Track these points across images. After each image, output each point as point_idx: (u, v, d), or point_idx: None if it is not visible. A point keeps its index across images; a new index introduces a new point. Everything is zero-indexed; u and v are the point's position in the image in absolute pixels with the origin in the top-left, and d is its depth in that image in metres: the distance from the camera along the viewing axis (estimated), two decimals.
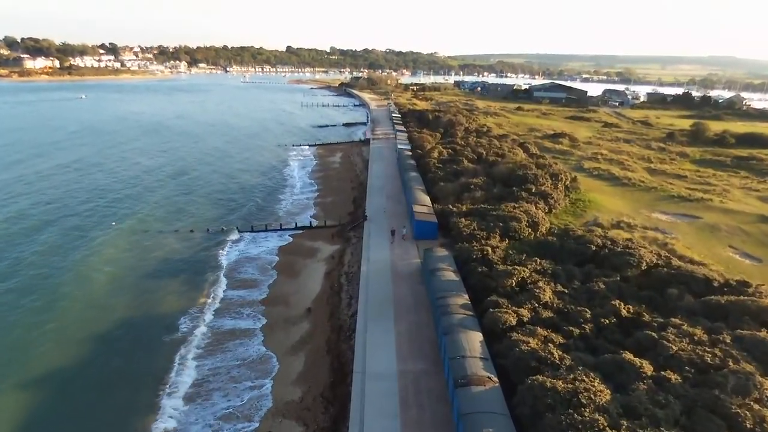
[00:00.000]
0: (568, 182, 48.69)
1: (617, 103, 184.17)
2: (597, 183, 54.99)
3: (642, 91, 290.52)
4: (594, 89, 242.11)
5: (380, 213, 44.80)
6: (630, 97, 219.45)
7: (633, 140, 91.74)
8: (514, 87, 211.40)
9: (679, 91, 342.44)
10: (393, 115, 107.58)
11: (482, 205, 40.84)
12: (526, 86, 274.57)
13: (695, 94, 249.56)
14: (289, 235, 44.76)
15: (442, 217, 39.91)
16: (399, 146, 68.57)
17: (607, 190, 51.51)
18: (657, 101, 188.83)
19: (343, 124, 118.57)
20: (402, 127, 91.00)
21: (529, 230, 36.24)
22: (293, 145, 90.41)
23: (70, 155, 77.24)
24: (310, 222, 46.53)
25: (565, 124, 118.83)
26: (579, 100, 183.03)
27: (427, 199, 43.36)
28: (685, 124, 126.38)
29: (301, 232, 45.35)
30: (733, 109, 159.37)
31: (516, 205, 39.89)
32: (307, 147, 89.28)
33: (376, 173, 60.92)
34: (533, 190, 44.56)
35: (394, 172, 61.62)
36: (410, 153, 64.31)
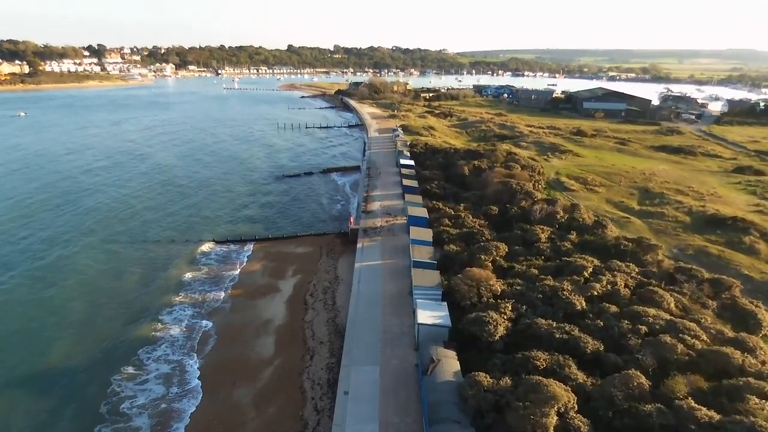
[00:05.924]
0: None
1: (693, 116, 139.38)
2: None
3: (685, 91, 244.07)
4: (625, 88, 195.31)
5: None
6: (698, 104, 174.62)
7: None
8: (554, 95, 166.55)
9: (721, 90, 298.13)
10: (402, 161, 65.09)
11: None
12: (554, 86, 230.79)
13: (754, 96, 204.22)
14: None
15: None
16: (420, 319, 26.43)
17: None
18: (744, 113, 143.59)
19: (323, 171, 75.70)
20: (417, 199, 48.98)
21: None
22: (214, 241, 47.78)
23: None
24: None
25: (671, 165, 75.66)
26: (643, 112, 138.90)
27: None
28: None
29: None
30: None
31: None
32: (240, 246, 46.91)
33: None
34: None
35: None
36: (457, 368, 22.01)
